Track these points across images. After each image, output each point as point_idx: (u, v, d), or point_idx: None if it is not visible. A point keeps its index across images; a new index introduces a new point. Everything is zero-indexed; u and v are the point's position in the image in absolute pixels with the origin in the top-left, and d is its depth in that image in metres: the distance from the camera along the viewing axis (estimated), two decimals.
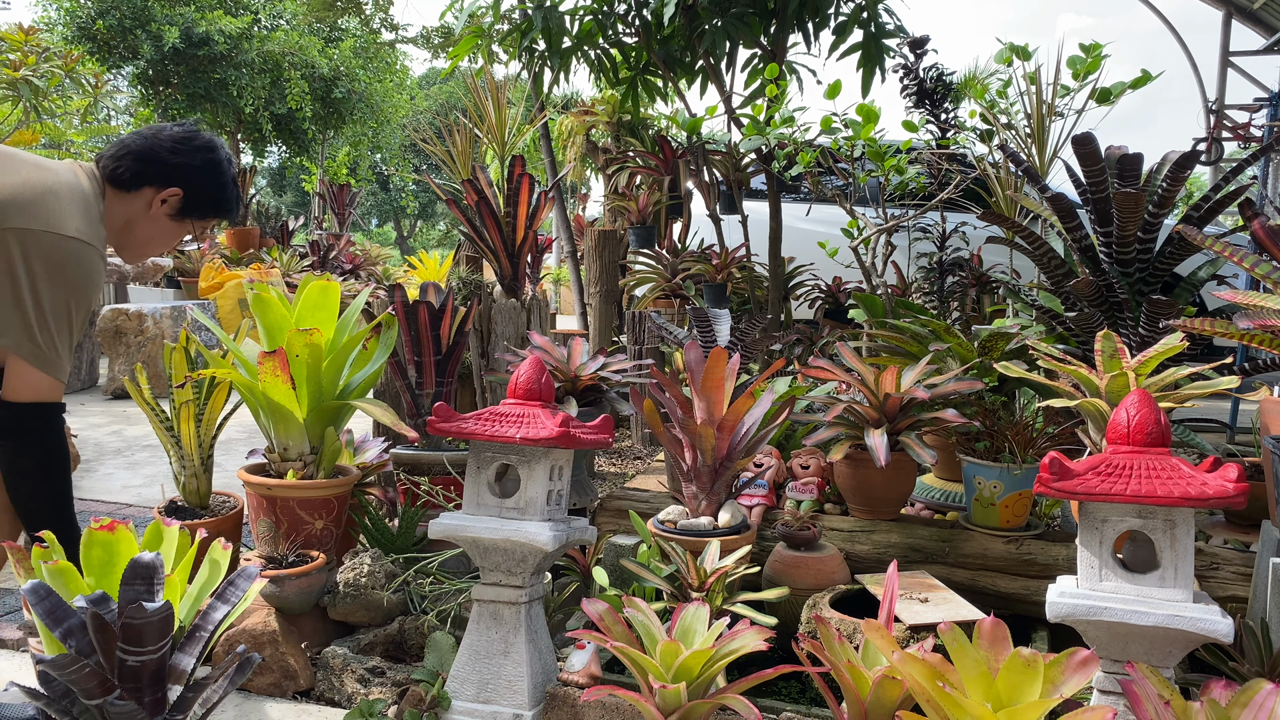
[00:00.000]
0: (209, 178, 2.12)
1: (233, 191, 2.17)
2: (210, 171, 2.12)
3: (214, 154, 2.13)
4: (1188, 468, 1.47)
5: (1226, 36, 8.46)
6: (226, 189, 2.15)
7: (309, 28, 13.86)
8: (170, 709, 1.39)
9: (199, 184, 2.10)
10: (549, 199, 3.86)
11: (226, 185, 2.15)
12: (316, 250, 8.07)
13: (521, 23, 4.79)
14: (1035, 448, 2.36)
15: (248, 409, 2.46)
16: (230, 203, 2.17)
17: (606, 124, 6.81)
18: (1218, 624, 1.41)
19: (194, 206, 2.11)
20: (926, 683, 1.32)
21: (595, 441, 1.87)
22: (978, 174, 3.73)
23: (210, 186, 2.12)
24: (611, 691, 1.57)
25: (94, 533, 1.51)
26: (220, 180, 2.14)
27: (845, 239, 3.80)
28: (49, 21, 11.87)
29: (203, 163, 2.10)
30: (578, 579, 2.28)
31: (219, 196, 2.15)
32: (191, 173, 2.08)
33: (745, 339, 3.02)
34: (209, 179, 2.12)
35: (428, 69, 28.67)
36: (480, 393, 3.71)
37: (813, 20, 4.54)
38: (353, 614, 2.18)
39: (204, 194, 2.11)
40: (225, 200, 2.16)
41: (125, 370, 5.81)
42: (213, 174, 2.12)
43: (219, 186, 2.14)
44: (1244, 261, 1.88)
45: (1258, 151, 2.44)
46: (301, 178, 16.80)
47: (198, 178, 2.09)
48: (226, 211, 2.18)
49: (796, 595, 2.08)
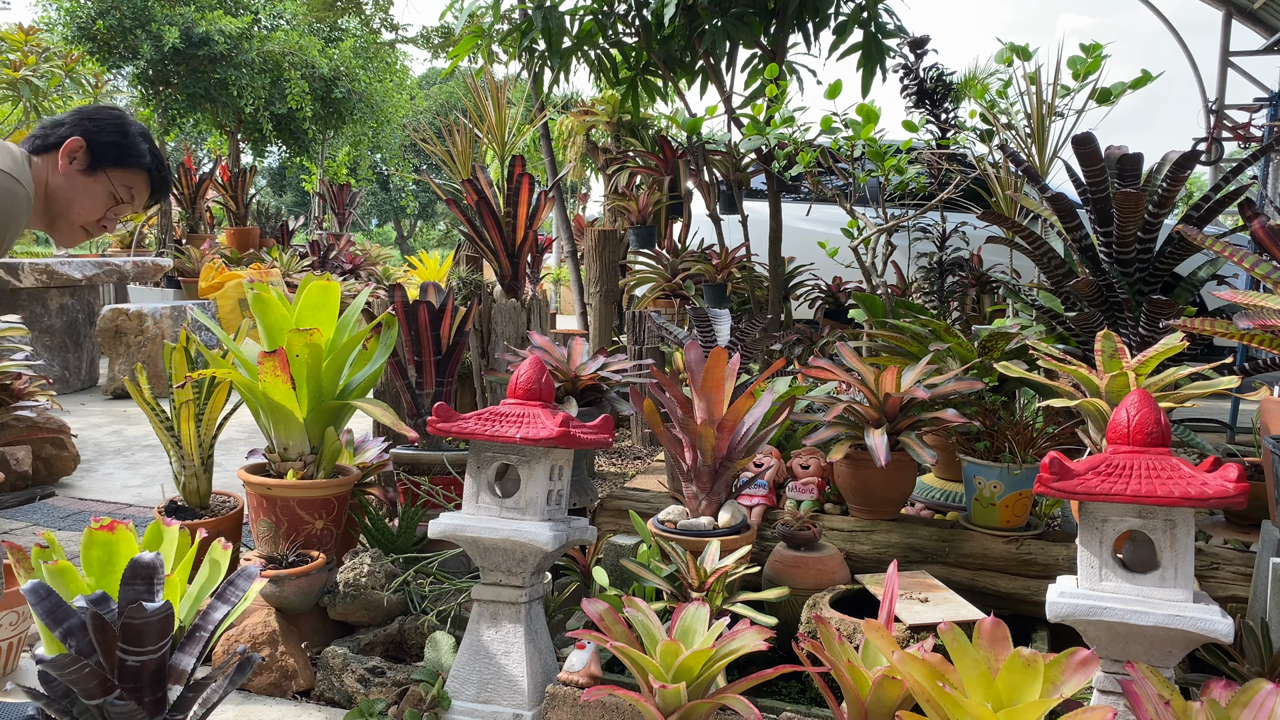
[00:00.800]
0: (109, 125, 2.12)
1: (142, 143, 2.15)
2: (111, 121, 2.13)
3: (116, 110, 2.16)
4: (1188, 468, 1.47)
5: (1226, 36, 8.46)
6: (131, 138, 2.14)
7: (309, 28, 13.87)
8: (170, 709, 1.39)
9: (98, 130, 2.10)
10: (549, 199, 3.86)
11: (131, 135, 2.14)
12: (316, 250, 8.07)
13: (521, 23, 4.79)
14: (1035, 448, 2.36)
15: (248, 409, 2.46)
16: (139, 151, 2.15)
17: (606, 124, 6.81)
18: (1218, 624, 1.41)
19: (101, 155, 2.10)
20: (926, 683, 1.32)
21: (595, 441, 1.87)
22: (978, 174, 3.73)
23: (112, 133, 2.12)
24: (611, 691, 1.57)
25: (94, 533, 1.51)
26: (122, 128, 2.13)
27: (845, 239, 3.80)
28: (49, 21, 11.87)
29: (104, 115, 2.13)
30: (578, 579, 2.28)
31: (123, 143, 2.13)
32: (90, 123, 2.10)
33: (745, 339, 3.02)
34: (109, 126, 2.12)
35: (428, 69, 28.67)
36: (480, 393, 3.71)
37: (813, 20, 4.54)
38: (353, 614, 2.18)
39: (106, 140, 2.10)
40: (134, 148, 2.14)
41: (125, 370, 5.81)
42: (113, 123, 2.13)
43: (121, 133, 2.13)
44: (1244, 261, 1.88)
45: (1258, 151, 2.44)
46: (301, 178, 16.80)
47: (97, 126, 2.10)
48: (137, 159, 2.15)
49: (796, 595, 2.08)
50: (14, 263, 5.82)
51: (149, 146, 2.18)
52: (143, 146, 2.16)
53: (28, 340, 3.89)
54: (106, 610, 1.35)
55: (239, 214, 8.37)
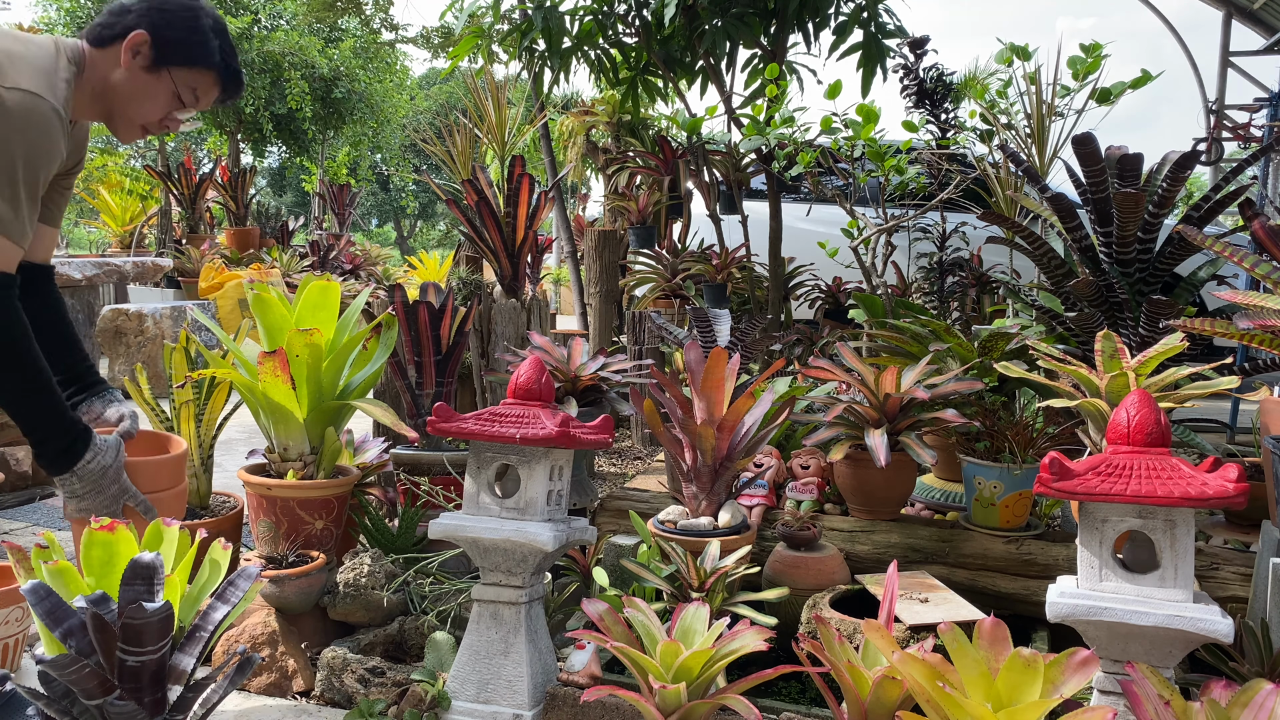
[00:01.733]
0: (178, 19, 1.94)
1: (212, 40, 1.97)
2: (181, 13, 1.95)
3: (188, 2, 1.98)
4: (1188, 468, 1.47)
5: (1226, 36, 8.46)
6: (203, 34, 1.96)
7: (309, 28, 13.87)
8: (170, 709, 1.39)
9: (166, 25, 1.92)
10: (549, 199, 3.86)
11: (204, 30, 1.96)
12: (316, 250, 8.07)
13: (521, 23, 4.79)
14: (1035, 448, 2.36)
15: (248, 409, 2.46)
16: (210, 50, 1.97)
17: (606, 124, 6.81)
18: (1218, 624, 1.41)
19: (167, 52, 1.93)
20: (926, 683, 1.32)
21: (595, 441, 1.87)
22: (978, 174, 3.73)
23: (180, 29, 1.94)
24: (612, 691, 1.57)
25: (94, 533, 1.51)
26: (194, 23, 1.95)
27: (845, 239, 3.80)
28: (49, 22, 11.87)
29: (173, 5, 1.95)
30: (578, 579, 2.28)
31: (193, 39, 1.95)
32: (158, 14, 1.92)
33: (745, 339, 3.02)
34: (178, 20, 1.94)
35: (428, 69, 28.67)
36: (480, 393, 3.71)
37: (813, 20, 4.54)
38: (353, 614, 2.18)
39: (174, 36, 1.93)
40: (203, 45, 1.96)
41: (125, 370, 5.81)
42: (183, 15, 1.95)
43: (192, 29, 1.95)
44: (1244, 261, 1.88)
45: (1258, 151, 2.44)
46: (301, 178, 16.81)
47: (165, 19, 1.93)
48: (206, 58, 1.97)
49: (796, 595, 2.08)
50: None
51: (220, 43, 2.00)
52: (214, 43, 1.98)
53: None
54: (106, 610, 1.35)
55: (239, 214, 8.37)
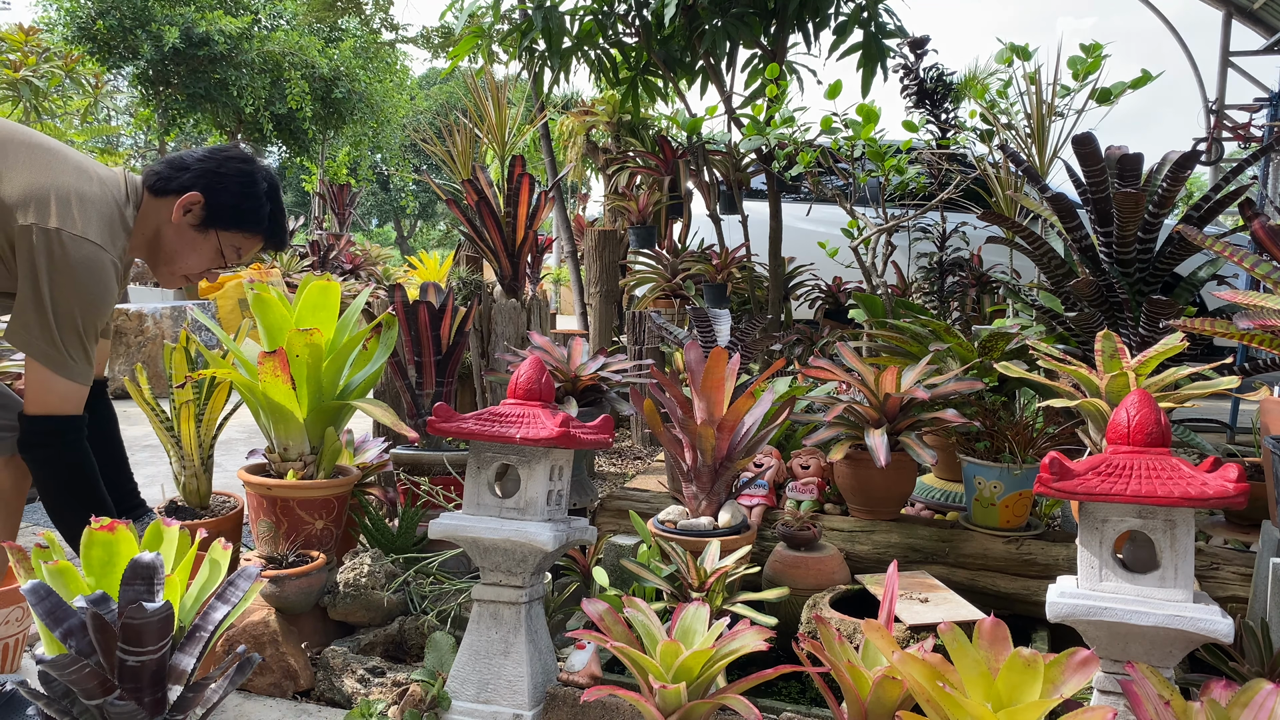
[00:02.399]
0: (233, 184, 2.02)
1: (264, 205, 2.06)
2: (237, 179, 2.03)
3: (246, 164, 2.05)
4: (1188, 468, 1.47)
5: (1226, 36, 8.46)
6: (255, 199, 2.04)
7: (309, 28, 13.88)
8: (170, 709, 1.39)
9: (220, 189, 2.00)
10: (549, 199, 3.86)
11: (255, 196, 2.04)
12: (316, 250, 8.07)
13: (521, 23, 4.79)
14: (1035, 448, 2.36)
15: (248, 409, 2.46)
16: (261, 216, 2.06)
17: (606, 124, 6.81)
18: (1218, 624, 1.41)
19: (217, 215, 2.01)
20: (926, 683, 1.32)
21: (595, 441, 1.87)
22: (978, 174, 3.73)
23: (233, 194, 2.02)
24: (612, 691, 1.57)
25: (94, 533, 1.51)
26: (247, 189, 2.03)
27: (845, 239, 3.80)
28: (49, 21, 11.89)
29: (230, 170, 2.02)
30: (578, 579, 2.28)
31: (244, 206, 2.04)
32: (214, 178, 2.00)
33: (745, 339, 3.02)
34: (232, 185, 2.02)
35: (428, 69, 28.68)
36: (480, 393, 3.71)
37: (813, 20, 4.54)
38: (353, 614, 2.18)
39: (227, 201, 2.01)
40: (254, 211, 2.05)
41: (125, 370, 5.81)
42: (239, 181, 2.03)
43: (245, 196, 2.03)
44: (1244, 261, 1.88)
45: (1258, 151, 2.44)
46: (301, 178, 16.81)
47: (220, 183, 2.00)
48: (255, 223, 2.07)
49: (796, 595, 2.08)
50: None
51: (271, 207, 2.08)
52: (265, 209, 2.07)
53: None
54: (106, 610, 1.35)
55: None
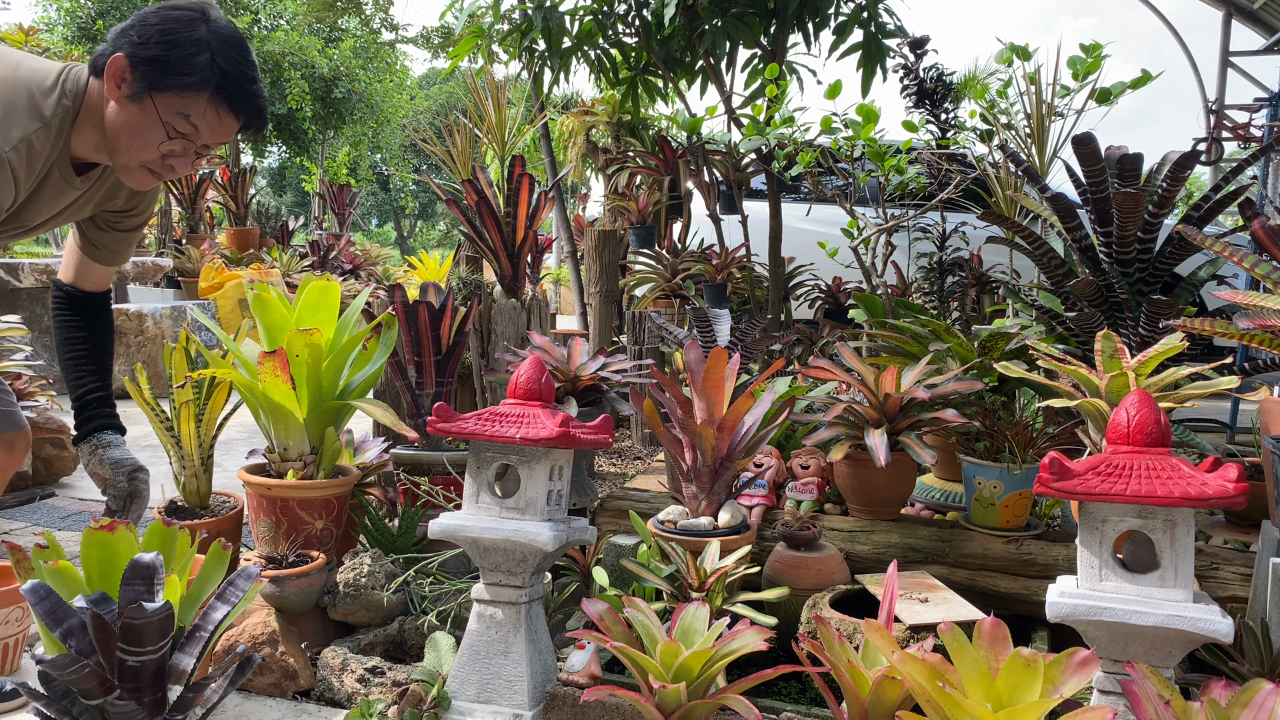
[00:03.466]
0: (160, 33, 1.57)
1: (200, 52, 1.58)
2: (161, 25, 1.57)
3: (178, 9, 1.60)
4: (1188, 468, 1.47)
5: (1226, 36, 8.46)
6: (186, 46, 1.57)
7: (309, 28, 13.87)
8: (170, 709, 1.39)
9: (144, 41, 1.56)
10: (549, 199, 3.86)
11: (188, 42, 1.58)
12: (316, 250, 8.07)
13: (521, 23, 4.79)
14: (1035, 448, 2.36)
15: (248, 409, 2.46)
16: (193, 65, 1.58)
17: (606, 124, 6.81)
18: (1218, 624, 1.41)
19: (145, 75, 1.57)
20: (926, 683, 1.32)
21: (595, 441, 1.87)
22: (978, 174, 3.73)
23: (160, 42, 1.56)
24: (611, 691, 1.57)
25: (94, 533, 1.51)
26: (178, 34, 1.57)
27: (845, 239, 3.80)
28: (49, 21, 11.88)
29: (158, 18, 1.58)
30: (578, 579, 2.28)
31: (173, 55, 1.56)
32: (138, 31, 1.57)
33: (745, 339, 3.02)
34: (159, 34, 1.56)
35: (428, 69, 28.68)
36: (480, 393, 3.71)
37: (813, 20, 4.55)
38: (353, 614, 2.18)
39: (152, 54, 1.56)
40: (183, 60, 1.57)
41: (125, 370, 5.81)
42: (168, 28, 1.57)
43: (174, 43, 1.56)
44: (1244, 261, 1.88)
45: (1258, 151, 2.44)
46: (301, 178, 16.81)
47: (143, 34, 1.57)
48: (185, 75, 1.58)
49: (796, 595, 2.08)
50: (14, 263, 5.82)
51: (217, 57, 1.60)
52: (202, 56, 1.59)
53: (28, 340, 3.89)
54: (106, 610, 1.35)
55: (239, 214, 8.37)
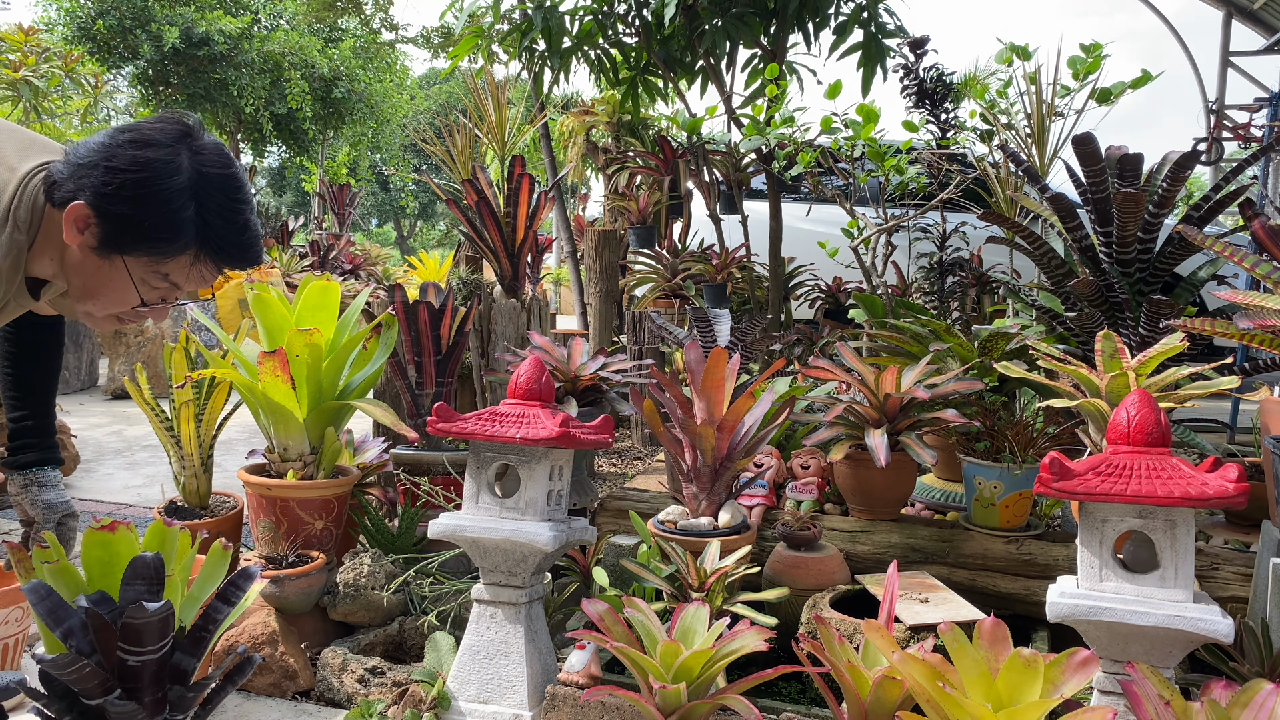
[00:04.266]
0: (131, 185, 1.32)
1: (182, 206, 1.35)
2: (135, 174, 1.32)
3: (148, 149, 1.33)
4: (1188, 468, 1.47)
5: (1226, 36, 8.46)
6: (163, 202, 1.33)
7: (309, 28, 13.88)
8: (170, 709, 1.39)
9: (113, 194, 1.31)
10: (549, 199, 3.86)
11: (164, 197, 1.33)
12: (316, 250, 8.07)
13: (521, 23, 4.79)
14: (1035, 448, 2.35)
15: (248, 409, 2.46)
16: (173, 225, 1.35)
17: (606, 124, 6.81)
18: (1218, 624, 1.41)
19: (113, 234, 1.34)
20: (927, 683, 1.32)
21: (595, 441, 1.87)
22: (978, 174, 3.73)
23: (130, 198, 1.32)
24: (611, 691, 1.57)
25: (94, 533, 1.51)
26: (152, 187, 1.32)
27: (845, 239, 3.80)
28: (49, 21, 11.89)
29: (126, 161, 1.32)
30: (578, 579, 2.28)
31: (147, 216, 1.33)
32: (103, 176, 1.31)
33: (745, 339, 3.02)
34: (130, 187, 1.32)
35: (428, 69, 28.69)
36: (480, 393, 3.71)
37: (813, 20, 4.54)
38: (353, 614, 2.18)
39: (121, 212, 1.32)
40: (160, 222, 1.34)
41: (125, 370, 5.80)
42: (139, 179, 1.32)
43: (147, 199, 1.32)
44: (1244, 261, 1.88)
45: (1258, 151, 2.44)
46: (301, 178, 16.81)
47: (111, 183, 1.31)
48: (164, 240, 1.36)
49: (797, 595, 2.08)
50: None
51: (200, 207, 1.36)
52: (181, 215, 1.35)
53: None
54: (107, 610, 1.35)
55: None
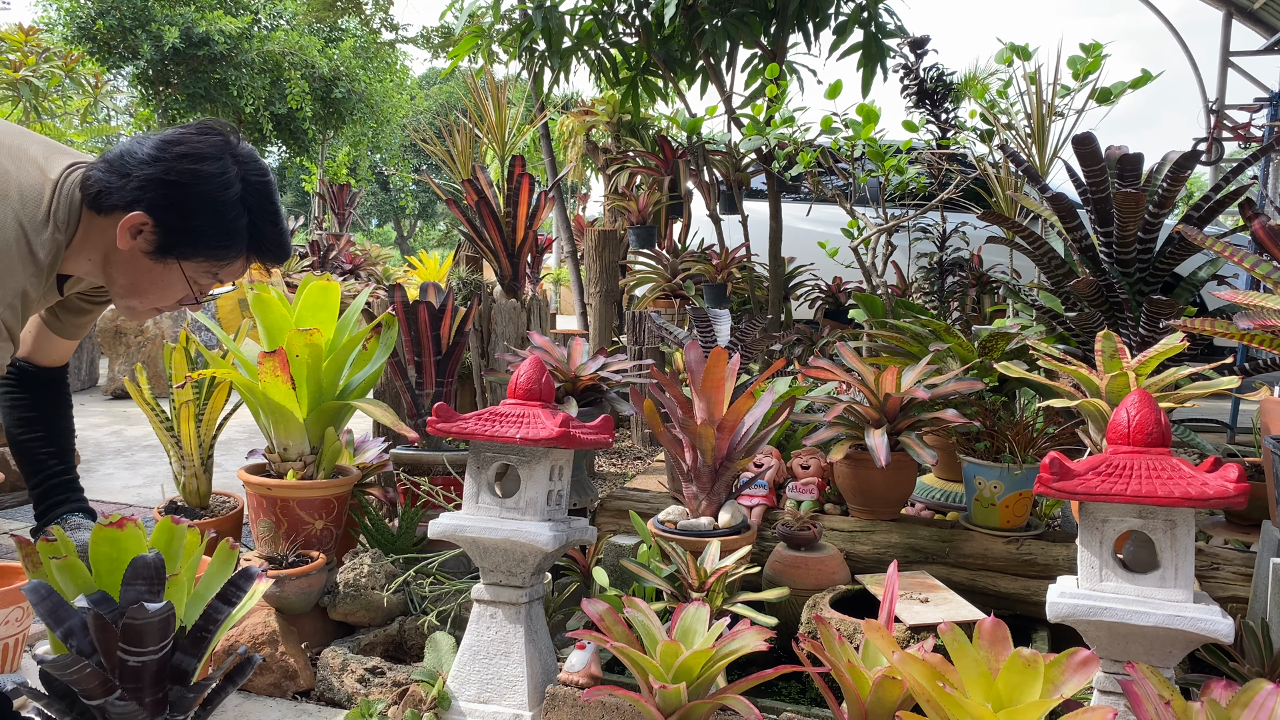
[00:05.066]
0: (192, 197, 1.47)
1: (238, 216, 1.52)
2: (195, 188, 1.47)
3: (207, 161, 1.49)
4: (1188, 468, 1.47)
5: (1226, 36, 8.47)
6: (221, 212, 1.50)
7: (309, 28, 13.88)
8: (171, 709, 1.39)
9: (172, 205, 1.46)
10: (549, 199, 3.86)
11: (222, 207, 1.50)
12: (316, 250, 8.06)
13: (521, 23, 4.79)
14: (1035, 448, 2.36)
15: (248, 409, 2.46)
16: (230, 233, 1.52)
17: (606, 124, 6.81)
18: (1218, 624, 1.41)
19: (173, 240, 1.49)
20: (927, 683, 1.32)
21: (595, 441, 1.87)
22: (978, 174, 3.73)
23: (192, 210, 1.47)
24: (612, 691, 1.57)
25: (102, 529, 1.51)
26: (212, 199, 1.49)
27: (845, 239, 3.80)
28: (49, 21, 11.89)
29: (183, 175, 1.46)
30: (578, 579, 2.28)
31: (207, 225, 1.49)
32: (162, 189, 1.46)
33: (745, 339, 3.02)
34: (191, 199, 1.47)
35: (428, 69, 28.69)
36: (480, 393, 3.71)
37: (813, 20, 4.54)
38: (353, 614, 2.18)
39: (183, 222, 1.47)
40: (219, 230, 1.51)
41: (125, 370, 5.80)
42: (198, 191, 1.47)
43: (208, 209, 1.48)
44: (1244, 261, 1.88)
45: (1258, 151, 2.44)
46: (301, 178, 16.82)
47: (171, 196, 1.46)
48: (225, 244, 1.53)
49: (797, 595, 2.08)
50: None
51: (252, 217, 1.54)
52: (239, 223, 1.52)
53: None
54: (108, 610, 1.35)
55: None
